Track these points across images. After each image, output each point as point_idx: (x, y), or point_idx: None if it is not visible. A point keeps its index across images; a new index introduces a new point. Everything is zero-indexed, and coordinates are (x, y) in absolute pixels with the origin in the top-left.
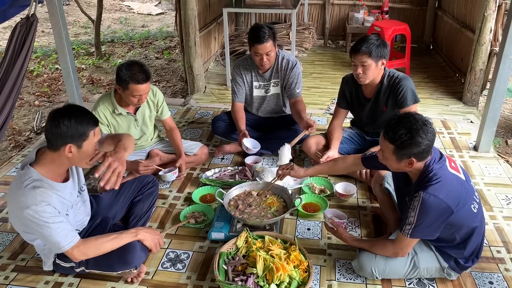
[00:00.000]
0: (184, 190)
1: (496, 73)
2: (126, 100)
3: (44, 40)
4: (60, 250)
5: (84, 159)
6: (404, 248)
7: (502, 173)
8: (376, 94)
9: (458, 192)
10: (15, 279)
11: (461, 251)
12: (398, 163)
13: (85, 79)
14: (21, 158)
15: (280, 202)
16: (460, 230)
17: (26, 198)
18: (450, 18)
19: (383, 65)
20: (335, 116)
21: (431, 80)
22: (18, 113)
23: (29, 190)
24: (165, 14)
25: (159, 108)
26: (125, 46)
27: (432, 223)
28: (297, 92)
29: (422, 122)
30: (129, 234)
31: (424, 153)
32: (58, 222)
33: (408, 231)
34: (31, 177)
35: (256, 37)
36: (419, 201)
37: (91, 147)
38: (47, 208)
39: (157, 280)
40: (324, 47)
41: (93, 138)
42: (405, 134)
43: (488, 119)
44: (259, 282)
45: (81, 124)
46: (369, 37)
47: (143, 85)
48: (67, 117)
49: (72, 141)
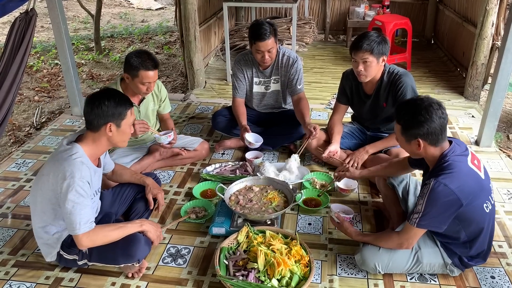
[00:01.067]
0: (184, 185)
1: (498, 68)
2: (134, 89)
3: (44, 35)
4: (74, 231)
5: (122, 138)
6: (410, 239)
7: (503, 167)
8: (376, 90)
9: (471, 187)
10: (16, 275)
11: (466, 250)
12: (408, 144)
13: (84, 74)
14: (21, 153)
15: (281, 197)
16: (468, 227)
17: (73, 169)
18: (451, 12)
19: (384, 62)
20: (335, 111)
21: (432, 74)
22: (18, 109)
23: (78, 163)
24: (165, 9)
25: (161, 103)
26: (125, 41)
27: (439, 213)
28: (298, 88)
29: (428, 104)
30: (134, 224)
31: (432, 135)
32: (86, 204)
33: (416, 220)
34: (79, 153)
35: (257, 34)
36: (429, 188)
37: (128, 127)
38: (86, 186)
39: (158, 275)
40: (325, 42)
41: (130, 118)
42: (407, 114)
43: (489, 113)
44: (260, 277)
45: (120, 104)
46: (369, 33)
47: (153, 71)
48: (106, 98)
49: (112, 120)
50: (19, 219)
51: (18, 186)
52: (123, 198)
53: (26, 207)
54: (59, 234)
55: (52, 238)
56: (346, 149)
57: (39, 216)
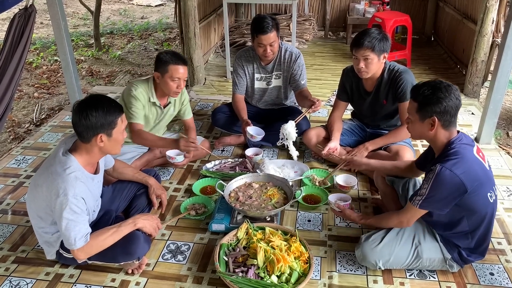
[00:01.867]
0: (184, 182)
1: (498, 65)
2: (165, 88)
3: (43, 31)
4: (70, 246)
5: (115, 146)
6: (410, 218)
7: (503, 164)
8: (377, 87)
9: (476, 173)
10: (16, 271)
11: (468, 241)
12: (421, 123)
13: (84, 71)
14: (20, 150)
15: (281, 193)
16: (472, 216)
17: (66, 186)
18: (451, 9)
19: (385, 59)
20: (335, 108)
21: (432, 71)
22: (18, 105)
23: (72, 179)
24: (164, 5)
25: (183, 107)
26: (125, 37)
27: (443, 197)
28: (302, 84)
29: (447, 84)
30: (127, 225)
31: (447, 115)
32: (82, 220)
33: (418, 202)
34: (73, 166)
35: (259, 27)
36: (434, 173)
37: (120, 134)
38: (80, 203)
39: (157, 272)
40: (325, 39)
41: (121, 125)
42: (428, 90)
43: (489, 110)
44: (259, 274)
45: (109, 113)
46: (370, 30)
47: (183, 66)
48: (94, 108)
49: (102, 131)
50: (19, 215)
51: (18, 183)
52: (123, 194)
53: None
54: (58, 235)
55: (52, 237)
56: (345, 146)
57: (36, 219)
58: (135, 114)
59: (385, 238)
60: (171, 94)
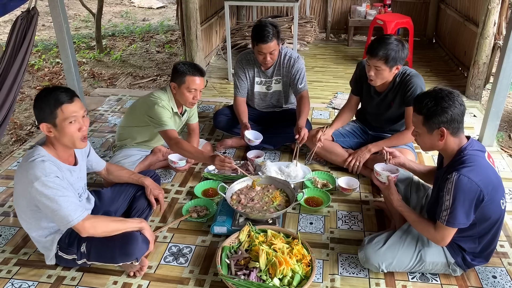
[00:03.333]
0: (186, 184)
1: (500, 67)
2: (181, 98)
3: (45, 33)
4: (70, 224)
5: (68, 137)
6: (445, 238)
7: (505, 167)
8: (388, 90)
9: (492, 181)
10: (18, 273)
11: (474, 245)
12: (430, 136)
13: (86, 73)
14: (22, 152)
15: (283, 196)
16: (484, 223)
17: (35, 171)
18: (453, 11)
19: (397, 70)
20: (347, 102)
21: (434, 73)
22: (19, 107)
23: (38, 163)
24: (166, 8)
25: (191, 112)
26: (126, 40)
27: (467, 207)
28: (300, 88)
29: (448, 91)
30: (134, 221)
31: (454, 123)
32: (66, 195)
33: (445, 218)
34: (39, 154)
35: (260, 36)
36: (453, 182)
37: (67, 125)
38: (56, 180)
39: (159, 274)
40: (326, 41)
41: (63, 115)
42: (430, 101)
43: (491, 113)
44: (261, 276)
45: (46, 103)
46: (389, 39)
47: (199, 78)
48: (36, 100)
49: (45, 121)
50: None
51: None
52: (122, 196)
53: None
54: (52, 237)
55: (47, 241)
56: (347, 148)
57: (27, 225)
58: (167, 122)
59: (388, 241)
60: (187, 104)
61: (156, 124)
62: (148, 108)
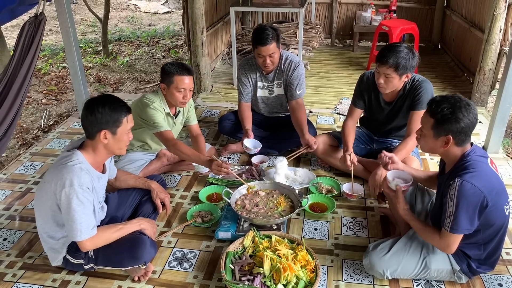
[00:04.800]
0: (191, 189)
1: (506, 73)
2: (171, 99)
3: (52, 38)
4: (76, 239)
5: (119, 145)
6: (450, 245)
7: (511, 173)
8: (398, 99)
9: (495, 186)
10: (23, 277)
11: (479, 252)
12: (435, 140)
13: (92, 78)
14: (28, 156)
15: (287, 202)
16: (488, 229)
17: (72, 176)
18: (458, 17)
19: (407, 78)
20: (349, 115)
21: (439, 79)
22: (26, 111)
23: (77, 169)
24: (172, 13)
25: (189, 114)
26: (132, 44)
27: (471, 213)
28: (297, 94)
29: (466, 103)
30: (133, 224)
31: (462, 135)
32: (87, 213)
33: (449, 225)
34: (78, 159)
35: (258, 39)
36: (456, 188)
37: (125, 134)
38: (86, 194)
39: (164, 279)
40: (331, 46)
41: (126, 125)
42: (448, 108)
43: (497, 119)
44: (266, 282)
45: (115, 110)
46: (400, 47)
47: (188, 77)
48: (101, 105)
49: (107, 127)
50: (26, 221)
51: (26, 189)
52: (129, 201)
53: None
54: (65, 239)
55: (58, 243)
56: None
57: (43, 223)
58: (161, 123)
59: (393, 248)
60: (178, 104)
61: (150, 126)
62: (141, 110)
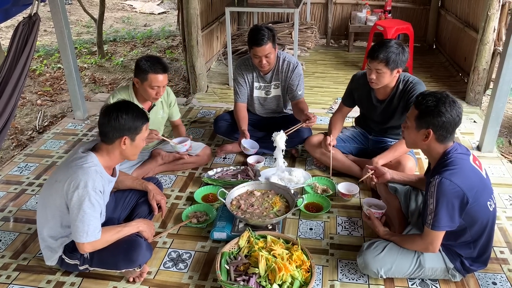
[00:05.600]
0: (186, 189)
1: (500, 73)
2: (144, 94)
3: (47, 39)
4: (81, 240)
5: (135, 152)
6: (433, 243)
7: (505, 173)
8: (391, 97)
9: (474, 183)
10: (17, 278)
11: (470, 250)
12: (416, 132)
13: (87, 78)
14: (23, 157)
15: (283, 202)
16: (473, 226)
17: (87, 178)
18: (453, 18)
19: (398, 73)
20: (338, 110)
21: (434, 79)
22: (20, 112)
23: (92, 172)
24: (167, 13)
25: (170, 109)
26: (127, 45)
27: (450, 210)
28: (299, 94)
29: (452, 100)
30: (131, 226)
31: (443, 130)
32: (95, 217)
33: (431, 222)
34: (93, 162)
35: (254, 39)
36: (435, 185)
37: (141, 141)
38: (98, 197)
39: (159, 280)
40: (327, 47)
41: (144, 132)
42: (432, 101)
43: (491, 118)
44: (261, 282)
45: (137, 118)
46: (390, 43)
47: (162, 75)
48: (125, 111)
49: (128, 134)
50: (20, 223)
51: (20, 190)
52: (125, 203)
53: (28, 211)
54: (64, 240)
55: (56, 242)
56: (347, 154)
57: (45, 221)
58: None
59: (387, 247)
60: (150, 99)
61: None
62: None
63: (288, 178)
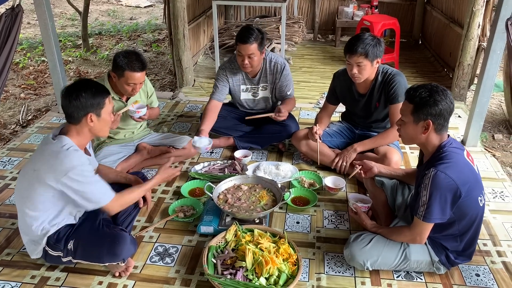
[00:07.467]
0: (173, 184)
1: (484, 68)
2: (120, 88)
3: (30, 32)
4: (105, 202)
5: (104, 127)
6: (422, 234)
7: (488, 167)
8: (371, 90)
9: (468, 177)
10: (1, 274)
11: (456, 244)
12: (415, 126)
13: (72, 72)
14: (6, 151)
15: (270, 195)
16: (462, 220)
17: (71, 160)
18: (438, 13)
19: (378, 64)
20: (323, 109)
21: (420, 74)
22: (4, 106)
23: (72, 152)
24: (153, 7)
25: (149, 99)
26: (113, 38)
27: (443, 203)
28: (288, 94)
29: (442, 88)
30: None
31: (441, 118)
32: (98, 180)
33: (422, 213)
34: (68, 143)
35: (241, 36)
36: (430, 178)
37: (107, 115)
38: (90, 168)
39: (145, 274)
40: (314, 41)
41: (108, 106)
42: (425, 92)
43: (475, 113)
44: (248, 276)
45: (97, 93)
46: (364, 35)
47: (139, 73)
48: (83, 90)
49: (92, 110)
50: (4, 217)
51: (3, 185)
52: None
53: (12, 205)
54: (46, 230)
55: (39, 234)
56: (334, 148)
57: (28, 211)
58: None
59: (374, 239)
60: (126, 94)
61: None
62: None
63: (275, 172)
